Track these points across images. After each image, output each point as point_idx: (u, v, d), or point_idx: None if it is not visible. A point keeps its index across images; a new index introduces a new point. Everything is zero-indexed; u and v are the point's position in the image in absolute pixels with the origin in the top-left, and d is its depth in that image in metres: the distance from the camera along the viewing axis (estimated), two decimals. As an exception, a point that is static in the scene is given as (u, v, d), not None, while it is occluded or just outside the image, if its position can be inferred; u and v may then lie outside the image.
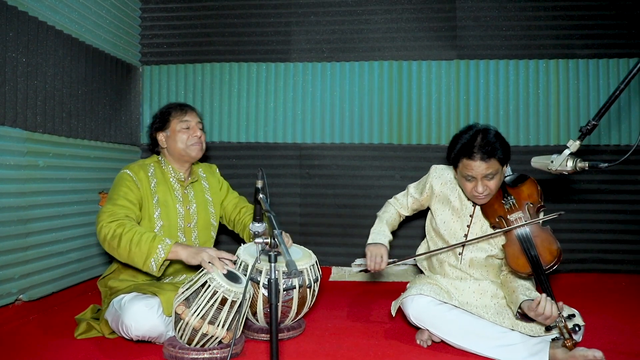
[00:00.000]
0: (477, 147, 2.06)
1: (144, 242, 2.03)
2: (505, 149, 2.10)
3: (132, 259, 2.07)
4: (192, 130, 2.41)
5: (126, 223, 2.10)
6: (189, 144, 2.38)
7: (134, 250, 2.03)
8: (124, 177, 2.28)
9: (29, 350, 2.13)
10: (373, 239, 2.41)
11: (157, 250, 2.02)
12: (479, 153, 2.05)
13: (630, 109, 3.48)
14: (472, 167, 2.08)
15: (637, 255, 3.49)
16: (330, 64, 3.64)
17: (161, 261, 2.03)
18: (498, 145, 2.08)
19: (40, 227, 2.62)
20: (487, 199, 2.19)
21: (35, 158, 2.58)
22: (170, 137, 2.40)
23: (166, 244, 2.04)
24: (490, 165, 2.07)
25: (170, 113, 2.42)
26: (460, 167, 2.14)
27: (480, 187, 2.11)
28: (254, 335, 2.27)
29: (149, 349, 2.11)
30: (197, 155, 2.43)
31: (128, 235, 2.04)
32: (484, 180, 2.10)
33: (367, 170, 3.62)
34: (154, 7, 3.71)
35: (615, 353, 2.08)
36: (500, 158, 2.08)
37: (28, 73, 2.51)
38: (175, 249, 2.05)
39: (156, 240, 2.04)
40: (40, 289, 2.62)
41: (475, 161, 2.06)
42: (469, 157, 2.08)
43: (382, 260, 2.30)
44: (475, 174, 2.09)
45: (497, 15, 3.55)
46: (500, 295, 2.22)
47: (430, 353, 2.14)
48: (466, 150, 2.09)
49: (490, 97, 3.54)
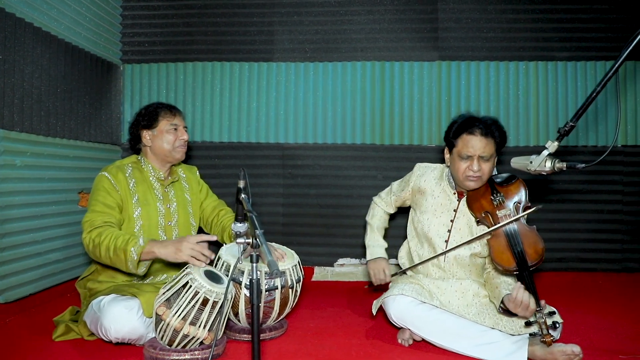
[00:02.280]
0: (478, 123, 2.18)
1: (118, 248, 2.02)
2: (502, 134, 2.22)
3: (115, 265, 2.09)
4: (179, 132, 2.42)
5: (103, 230, 2.09)
6: (175, 145, 2.39)
7: (113, 258, 2.05)
8: (101, 181, 2.26)
9: (7, 352, 2.08)
10: (371, 254, 2.51)
11: (131, 253, 2.01)
12: (480, 128, 2.16)
13: (607, 110, 3.56)
14: (471, 142, 2.16)
15: (613, 254, 3.57)
16: (313, 64, 3.64)
17: (136, 263, 2.02)
18: (496, 127, 2.20)
19: (18, 227, 2.57)
20: (478, 184, 2.22)
21: (12, 157, 2.53)
22: (156, 137, 2.38)
23: (138, 245, 2.03)
24: (488, 143, 2.16)
25: (159, 112, 2.41)
26: (459, 144, 2.21)
27: (476, 166, 2.16)
28: (236, 335, 2.26)
29: (129, 351, 2.09)
30: (181, 157, 2.45)
31: (105, 243, 2.05)
32: (479, 159, 2.16)
33: (350, 171, 3.63)
34: (135, 5, 3.66)
35: (592, 349, 2.13)
36: (497, 141, 2.19)
37: (5, 70, 2.46)
38: (150, 248, 2.03)
39: (129, 243, 2.02)
40: (17, 290, 2.57)
41: (475, 135, 2.16)
42: (469, 131, 2.17)
43: (386, 275, 2.42)
44: (473, 152, 2.15)
45: (479, 17, 3.59)
46: (482, 294, 2.25)
47: (411, 352, 2.16)
48: (467, 125, 2.19)
49: (471, 98, 3.58)
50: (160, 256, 2.03)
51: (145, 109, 2.46)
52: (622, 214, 3.56)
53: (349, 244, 3.62)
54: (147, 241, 2.06)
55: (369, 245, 2.55)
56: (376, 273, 2.44)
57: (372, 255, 2.50)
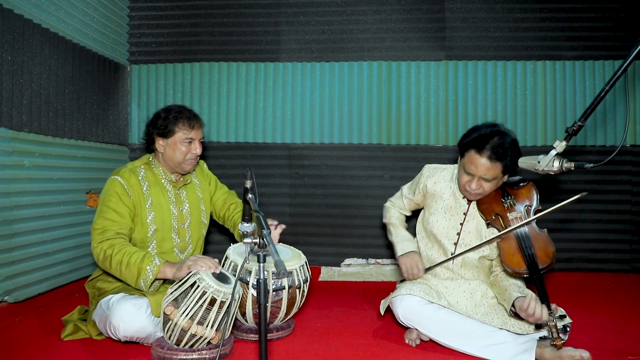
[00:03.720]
0: (490, 144, 2.04)
1: (132, 264, 2.02)
2: (514, 159, 2.06)
3: (124, 279, 2.08)
4: (193, 146, 2.34)
5: (116, 243, 2.07)
6: (186, 158, 2.33)
7: (124, 272, 2.04)
8: (114, 185, 2.21)
9: (16, 351, 2.10)
10: (402, 249, 2.38)
11: (146, 272, 2.02)
12: (489, 151, 2.03)
13: (616, 110, 3.53)
14: (475, 162, 2.06)
15: (621, 254, 3.55)
16: (319, 64, 3.64)
17: (150, 282, 2.03)
18: (510, 152, 2.05)
19: (26, 227, 2.59)
20: (477, 197, 2.20)
21: (20, 158, 2.55)
22: (169, 146, 2.31)
23: (155, 264, 2.03)
24: (493, 167, 2.05)
25: (177, 124, 2.30)
26: (466, 158, 2.12)
27: (474, 185, 2.11)
28: (243, 335, 2.27)
29: (137, 350, 2.10)
30: (190, 170, 2.40)
31: (117, 257, 2.04)
32: (480, 179, 2.10)
33: (357, 171, 3.63)
34: (143, 6, 3.68)
35: (601, 350, 2.11)
36: (505, 165, 2.06)
37: (13, 72, 2.48)
38: (163, 269, 2.04)
39: (145, 261, 2.02)
40: (26, 290, 2.59)
41: (481, 157, 2.04)
42: (478, 150, 2.05)
43: (419, 270, 2.29)
44: (475, 171, 2.08)
45: (486, 16, 3.57)
46: (490, 295, 2.24)
47: (419, 352, 2.15)
48: (478, 143, 2.06)
49: (479, 98, 3.57)
50: (169, 277, 2.04)
51: (164, 114, 2.32)
52: (631, 214, 3.53)
53: (356, 244, 3.61)
54: (163, 261, 2.06)
55: (396, 242, 2.42)
56: (409, 268, 2.30)
57: (403, 250, 2.36)
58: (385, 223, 2.57)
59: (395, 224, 2.51)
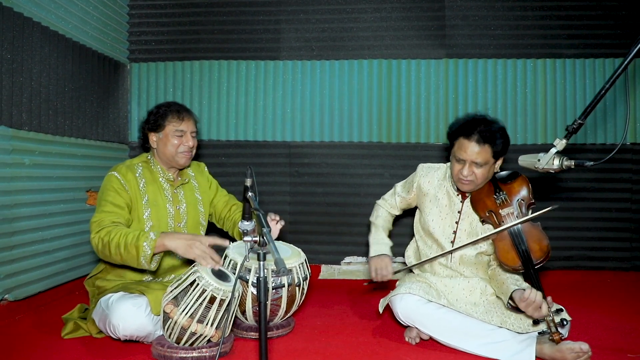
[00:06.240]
0: (477, 129, 2.10)
1: (129, 244, 2.00)
2: (504, 142, 2.14)
3: (126, 262, 2.06)
4: (185, 138, 2.36)
5: (112, 229, 2.06)
6: (179, 151, 2.34)
7: (124, 254, 2.02)
8: (111, 180, 2.23)
9: (16, 349, 2.10)
10: (375, 251, 2.43)
11: (144, 248, 1.99)
12: (477, 135, 2.09)
13: (616, 108, 3.53)
14: (465, 147, 2.11)
15: (621, 252, 3.55)
16: (319, 62, 3.64)
17: (149, 257, 2.00)
18: (498, 135, 2.11)
19: (26, 226, 2.59)
20: (471, 186, 2.20)
21: (20, 156, 2.55)
22: (161, 140, 2.35)
23: (150, 239, 1.99)
24: (483, 151, 2.09)
25: (166, 117, 2.34)
26: (456, 146, 2.17)
27: (466, 171, 2.13)
28: (243, 333, 2.27)
29: (137, 349, 2.10)
30: (185, 164, 2.40)
31: (115, 241, 2.02)
32: (472, 165, 2.13)
33: (357, 169, 3.63)
34: (142, 4, 3.67)
35: (601, 348, 2.11)
36: (495, 150, 2.11)
37: (13, 70, 2.48)
38: (160, 241, 1.99)
39: (140, 238, 2.00)
40: (26, 288, 2.59)
41: (470, 141, 2.09)
42: (466, 135, 2.11)
43: (388, 272, 2.33)
44: (466, 157, 2.11)
45: (486, 14, 3.57)
46: (489, 292, 2.24)
47: (418, 351, 2.16)
48: (466, 129, 2.12)
49: (479, 96, 3.57)
50: (171, 248, 2.00)
51: (155, 110, 2.39)
52: (631, 212, 3.53)
53: (356, 242, 3.61)
54: (159, 234, 2.03)
55: (372, 243, 2.48)
56: (378, 269, 2.34)
57: (376, 252, 2.42)
58: (370, 222, 2.60)
59: (377, 225, 2.55)
